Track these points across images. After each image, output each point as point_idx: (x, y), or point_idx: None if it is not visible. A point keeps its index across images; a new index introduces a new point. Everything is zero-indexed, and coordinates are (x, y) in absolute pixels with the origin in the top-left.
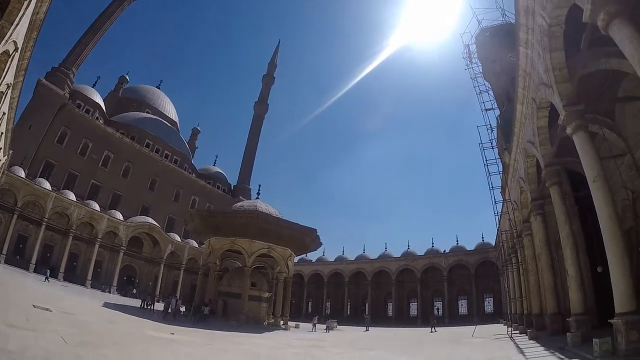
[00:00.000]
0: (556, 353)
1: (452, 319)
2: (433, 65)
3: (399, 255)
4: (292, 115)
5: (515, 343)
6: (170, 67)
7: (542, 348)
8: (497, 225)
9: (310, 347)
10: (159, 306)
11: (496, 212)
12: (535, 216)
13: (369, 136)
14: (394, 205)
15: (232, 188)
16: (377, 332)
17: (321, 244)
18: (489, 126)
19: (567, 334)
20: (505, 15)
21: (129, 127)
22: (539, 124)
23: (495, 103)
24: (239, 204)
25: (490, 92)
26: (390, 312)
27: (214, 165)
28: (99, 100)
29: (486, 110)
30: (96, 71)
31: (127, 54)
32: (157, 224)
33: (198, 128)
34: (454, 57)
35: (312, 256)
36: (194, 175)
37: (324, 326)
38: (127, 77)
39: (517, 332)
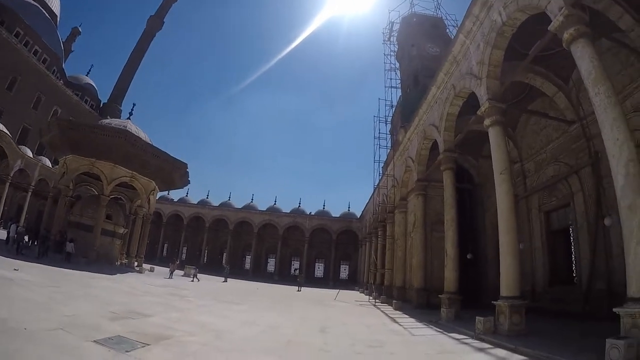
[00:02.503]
0: (432, 326)
1: (309, 280)
2: (351, 32)
3: (264, 209)
4: (185, 45)
5: (382, 311)
6: None
7: (413, 319)
8: (371, 198)
9: (170, 296)
10: None
11: (374, 184)
12: (417, 196)
13: (263, 86)
14: (268, 159)
15: (102, 106)
16: (237, 285)
17: (189, 182)
18: (389, 102)
19: (442, 309)
20: (439, 9)
21: (1, 8)
22: (451, 110)
23: (400, 83)
24: (107, 120)
25: (398, 72)
26: (247, 265)
27: (86, 75)
28: None
29: (391, 87)
30: None
31: None
32: (7, 133)
33: (79, 29)
34: (374, 30)
35: (174, 195)
36: (62, 82)
37: (181, 272)
38: None
39: (379, 301)
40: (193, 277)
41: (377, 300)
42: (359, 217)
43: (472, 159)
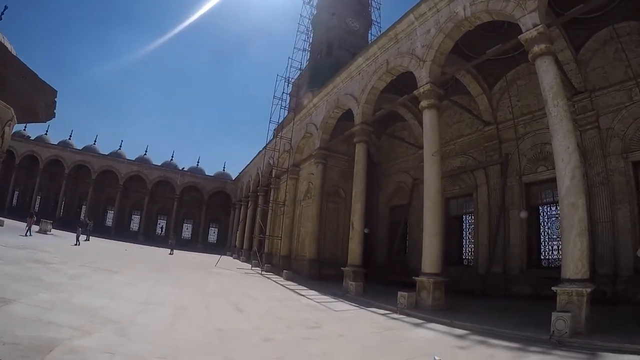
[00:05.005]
0: (344, 300)
1: (176, 241)
2: None
3: (133, 159)
4: None
5: (276, 282)
6: None
7: (316, 292)
8: (253, 160)
9: (33, 264)
10: None
11: (266, 143)
12: (317, 164)
13: (151, 31)
14: (142, 105)
15: None
16: (102, 245)
17: (54, 114)
18: (298, 63)
19: (349, 282)
20: None
21: None
22: (377, 84)
23: (310, 47)
24: None
25: (311, 36)
26: (109, 222)
27: None
28: None
29: (303, 50)
30: None
31: None
32: None
33: None
34: None
35: (31, 132)
36: None
37: (36, 228)
38: None
39: (264, 270)
40: (77, 240)
41: (262, 269)
42: (234, 179)
43: (374, 137)
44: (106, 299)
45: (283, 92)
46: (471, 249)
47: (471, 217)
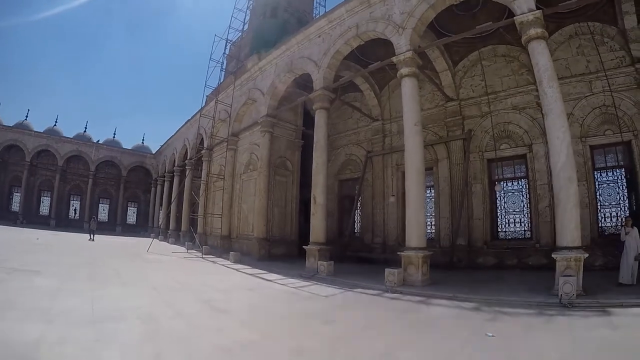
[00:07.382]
0: (319, 282)
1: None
2: None
3: (42, 131)
4: None
5: (227, 267)
6: None
7: (279, 275)
8: (178, 131)
9: None
10: None
11: (200, 110)
12: (264, 133)
13: None
14: (51, 70)
15: None
16: (9, 234)
17: None
18: (241, 26)
19: (319, 262)
20: None
21: None
22: (342, 49)
23: (252, 7)
24: None
25: None
26: (16, 206)
27: None
28: None
29: (247, 8)
30: None
31: None
32: None
33: None
34: None
35: None
36: None
37: None
38: None
39: (203, 252)
40: None
41: (202, 252)
42: (154, 152)
43: None
44: (41, 324)
45: (224, 53)
46: (428, 222)
47: (428, 191)
